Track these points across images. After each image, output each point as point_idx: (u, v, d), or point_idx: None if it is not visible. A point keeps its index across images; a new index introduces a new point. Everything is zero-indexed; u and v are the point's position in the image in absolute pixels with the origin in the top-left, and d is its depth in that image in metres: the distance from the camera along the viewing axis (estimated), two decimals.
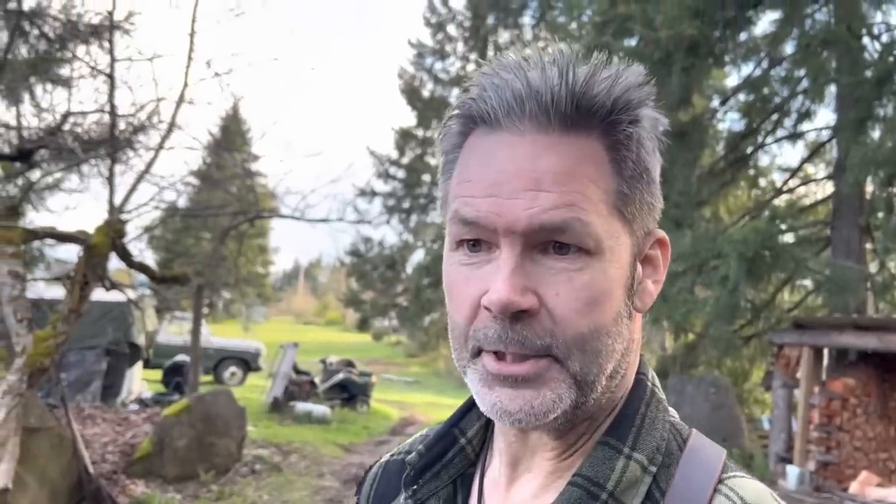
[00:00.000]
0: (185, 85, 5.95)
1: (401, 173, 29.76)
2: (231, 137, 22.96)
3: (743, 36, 11.23)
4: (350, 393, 13.31)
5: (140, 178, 5.74)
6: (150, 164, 5.85)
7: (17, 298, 5.61)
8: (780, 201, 11.75)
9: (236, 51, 10.60)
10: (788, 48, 11.30)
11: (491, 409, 0.63)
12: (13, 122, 6.22)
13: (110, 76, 5.36)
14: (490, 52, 28.68)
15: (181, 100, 6.09)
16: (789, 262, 9.07)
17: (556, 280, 0.61)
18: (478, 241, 0.64)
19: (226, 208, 7.98)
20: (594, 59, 0.63)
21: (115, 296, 7.87)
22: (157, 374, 13.52)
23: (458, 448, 0.75)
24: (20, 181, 7.70)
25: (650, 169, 0.66)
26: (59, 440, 6.04)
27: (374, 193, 28.69)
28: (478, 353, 0.64)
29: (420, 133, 29.41)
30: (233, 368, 15.64)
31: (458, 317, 0.65)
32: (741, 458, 8.79)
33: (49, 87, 6.80)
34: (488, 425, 0.76)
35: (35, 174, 7.17)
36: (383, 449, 10.61)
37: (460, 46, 29.24)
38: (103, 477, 6.60)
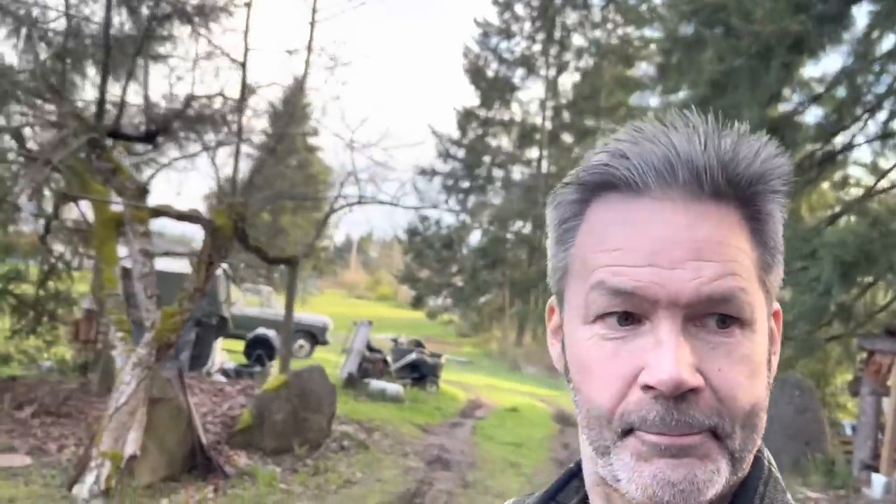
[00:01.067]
0: (306, 74, 6.07)
1: (461, 153, 29.73)
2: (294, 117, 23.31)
3: (841, 31, 10.92)
4: (420, 373, 13.56)
5: (263, 163, 5.91)
6: (273, 149, 6.02)
7: (147, 275, 5.87)
8: (873, 202, 11.46)
9: (339, 40, 10.74)
10: (886, 44, 10.96)
11: (651, 481, 0.58)
12: (141, 105, 6.44)
13: (243, 65, 5.51)
14: (557, 34, 28.36)
15: (302, 87, 6.22)
16: (884, 264, 8.88)
17: (715, 354, 0.59)
18: (627, 314, 0.60)
19: (327, 193, 8.16)
20: (736, 130, 0.61)
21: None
22: (234, 345, 13.90)
23: None
24: (134, 160, 7.99)
25: (781, 241, 0.66)
26: (177, 411, 6.33)
27: (434, 173, 28.83)
28: (628, 432, 0.60)
29: (482, 113, 29.31)
30: (301, 341, 15.96)
31: (602, 396, 0.60)
32: (824, 464, 8.72)
33: (170, 71, 7.02)
34: (586, 501, 0.70)
35: (152, 155, 7.43)
36: (458, 431, 10.79)
37: (527, 26, 28.99)
38: (209, 447, 6.89)
